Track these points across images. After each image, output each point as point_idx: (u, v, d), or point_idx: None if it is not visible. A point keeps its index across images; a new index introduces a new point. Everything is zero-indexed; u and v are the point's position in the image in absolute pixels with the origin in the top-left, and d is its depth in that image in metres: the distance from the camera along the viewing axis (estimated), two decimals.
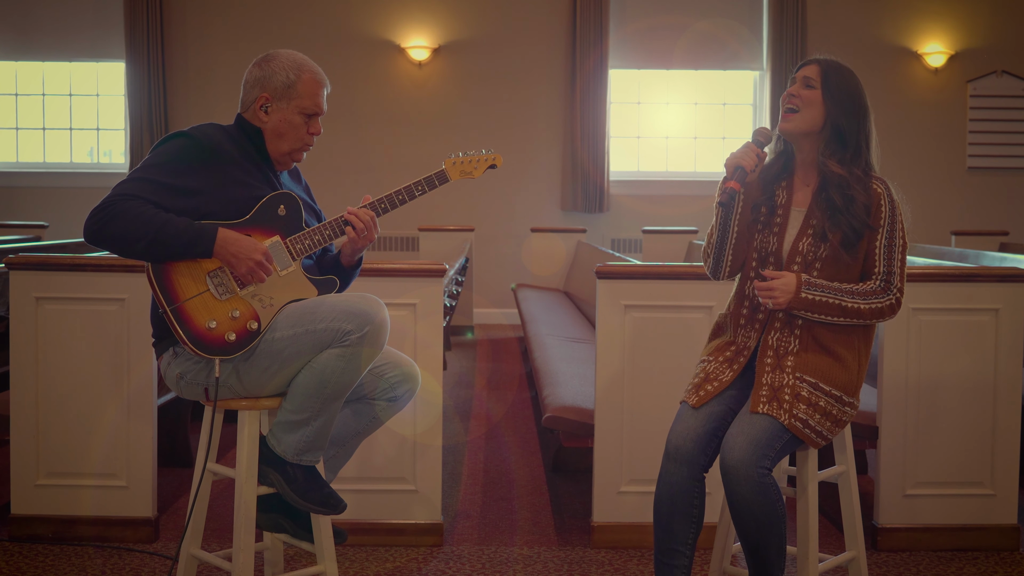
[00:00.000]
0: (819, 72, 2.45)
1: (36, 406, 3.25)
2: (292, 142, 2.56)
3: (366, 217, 2.55)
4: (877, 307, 2.40)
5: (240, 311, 2.42)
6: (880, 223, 2.41)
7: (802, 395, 2.37)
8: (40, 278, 3.24)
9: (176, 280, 2.39)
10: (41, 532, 3.27)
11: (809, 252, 2.43)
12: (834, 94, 2.43)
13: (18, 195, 9.54)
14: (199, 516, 2.59)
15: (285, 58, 2.55)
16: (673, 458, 2.40)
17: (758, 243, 2.50)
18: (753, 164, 2.40)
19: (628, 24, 9.53)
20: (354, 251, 2.63)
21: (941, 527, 3.32)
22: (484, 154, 2.68)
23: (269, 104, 2.54)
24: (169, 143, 2.46)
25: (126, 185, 2.38)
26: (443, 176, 2.63)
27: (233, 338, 2.40)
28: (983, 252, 5.60)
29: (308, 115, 2.55)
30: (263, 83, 2.54)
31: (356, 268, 2.69)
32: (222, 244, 2.39)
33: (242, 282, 2.43)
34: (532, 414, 5.40)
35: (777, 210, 2.50)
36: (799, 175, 2.52)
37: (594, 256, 6.63)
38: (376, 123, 9.42)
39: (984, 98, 9.55)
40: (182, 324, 2.38)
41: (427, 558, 3.21)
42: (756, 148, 2.42)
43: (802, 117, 2.44)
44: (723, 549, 2.64)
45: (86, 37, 9.54)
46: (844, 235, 2.40)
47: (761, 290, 2.40)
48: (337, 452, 2.64)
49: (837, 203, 2.40)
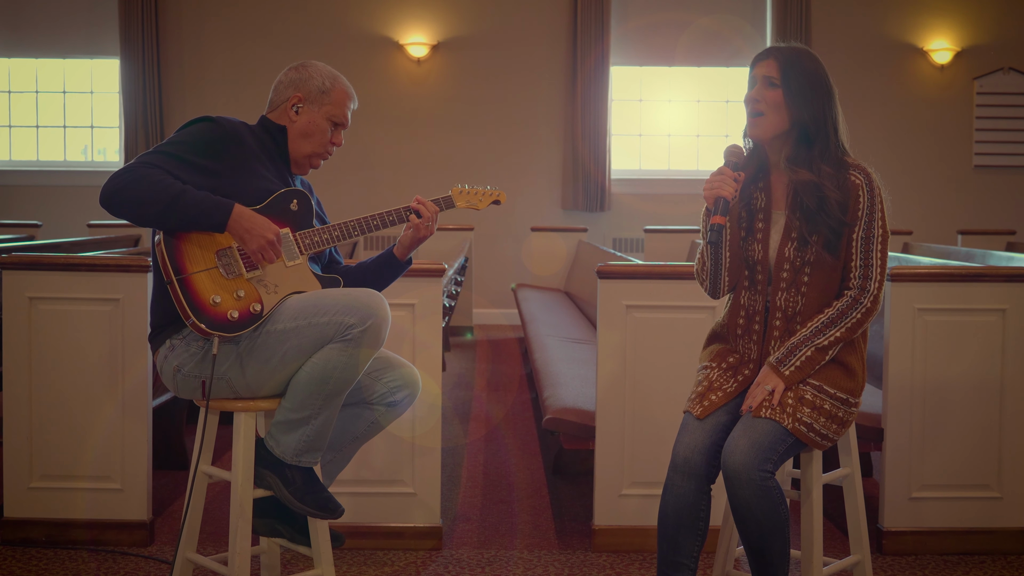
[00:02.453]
0: (778, 69, 2.37)
1: (29, 408, 3.23)
2: (315, 145, 2.64)
3: (432, 209, 2.66)
4: (855, 322, 2.37)
5: (245, 292, 2.45)
6: (857, 216, 2.36)
7: (806, 398, 2.35)
8: (34, 278, 3.22)
9: (186, 252, 2.42)
10: (34, 536, 3.25)
11: (796, 258, 2.39)
12: (795, 91, 2.36)
13: (11, 193, 9.49)
14: (194, 519, 2.58)
15: (322, 67, 2.68)
16: (680, 471, 2.38)
17: (745, 252, 2.46)
18: (733, 191, 2.35)
19: (630, 20, 9.49)
20: (413, 241, 2.68)
21: (948, 530, 3.30)
22: (489, 189, 2.80)
23: (301, 105, 2.63)
24: (194, 125, 2.53)
25: (148, 156, 2.44)
26: (450, 201, 2.75)
27: (236, 316, 2.41)
28: (990, 251, 5.57)
29: (334, 123, 2.66)
30: (298, 85, 2.64)
31: (405, 266, 2.76)
32: (237, 219, 2.42)
33: (250, 264, 2.46)
34: (532, 416, 5.38)
35: (757, 214, 2.45)
36: (776, 175, 2.46)
37: (595, 256, 6.60)
38: (374, 121, 9.37)
39: (991, 95, 9.50)
40: (187, 296, 2.39)
41: (426, 562, 3.19)
42: (731, 172, 2.37)
43: (768, 121, 2.38)
44: (726, 553, 2.62)
45: (80, 33, 9.49)
46: (825, 237, 2.36)
47: (759, 408, 2.34)
48: (335, 457, 2.63)
49: (811, 206, 2.35)
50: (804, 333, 2.36)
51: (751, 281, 2.45)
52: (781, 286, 2.40)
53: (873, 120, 9.35)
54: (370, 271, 2.73)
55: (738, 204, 2.46)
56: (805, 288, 2.39)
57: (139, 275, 3.20)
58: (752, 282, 2.45)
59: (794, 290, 2.39)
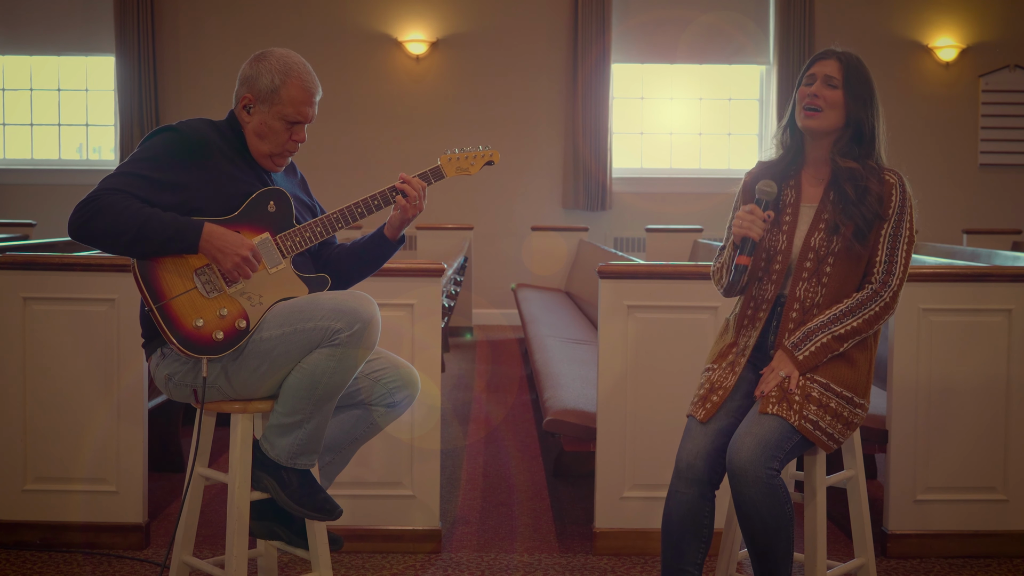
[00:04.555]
0: (840, 71, 2.44)
1: (23, 409, 3.21)
2: (272, 146, 2.51)
3: (419, 186, 2.53)
4: (872, 315, 2.39)
5: (228, 309, 2.39)
6: (889, 213, 2.41)
7: (812, 396, 2.34)
8: (28, 278, 3.20)
9: (162, 277, 2.36)
10: (28, 539, 3.22)
11: (821, 247, 2.41)
12: (856, 94, 2.43)
13: (5, 192, 9.45)
14: (190, 522, 2.57)
15: (276, 60, 2.49)
16: (684, 477, 2.38)
17: (767, 242, 2.47)
18: (761, 233, 2.40)
19: (631, 17, 9.46)
20: (402, 222, 2.57)
21: (952, 533, 3.28)
22: (481, 150, 2.64)
23: (252, 105, 2.50)
24: (156, 137, 2.44)
25: (112, 179, 2.37)
26: (438, 172, 2.59)
27: (221, 336, 2.37)
28: (995, 251, 5.53)
29: (290, 122, 2.49)
30: (249, 83, 2.50)
31: (398, 245, 2.64)
32: (207, 239, 2.36)
33: (229, 279, 2.40)
34: (532, 417, 5.36)
35: (786, 208, 2.49)
36: (808, 171, 2.51)
37: (596, 255, 6.58)
38: (372, 119, 9.34)
39: (997, 93, 9.46)
40: (168, 323, 2.35)
41: (425, 565, 3.17)
42: (762, 212, 2.41)
43: (826, 117, 2.44)
44: (729, 555, 2.61)
45: (75, 30, 9.43)
46: (856, 226, 2.39)
47: (772, 391, 2.34)
48: (333, 459, 2.62)
49: (850, 195, 2.40)
50: (821, 319, 2.38)
51: (766, 271, 2.47)
52: (803, 276, 2.42)
53: None
54: (363, 251, 2.62)
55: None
56: (827, 279, 2.40)
57: None
58: (767, 272, 2.46)
59: (815, 280, 2.41)
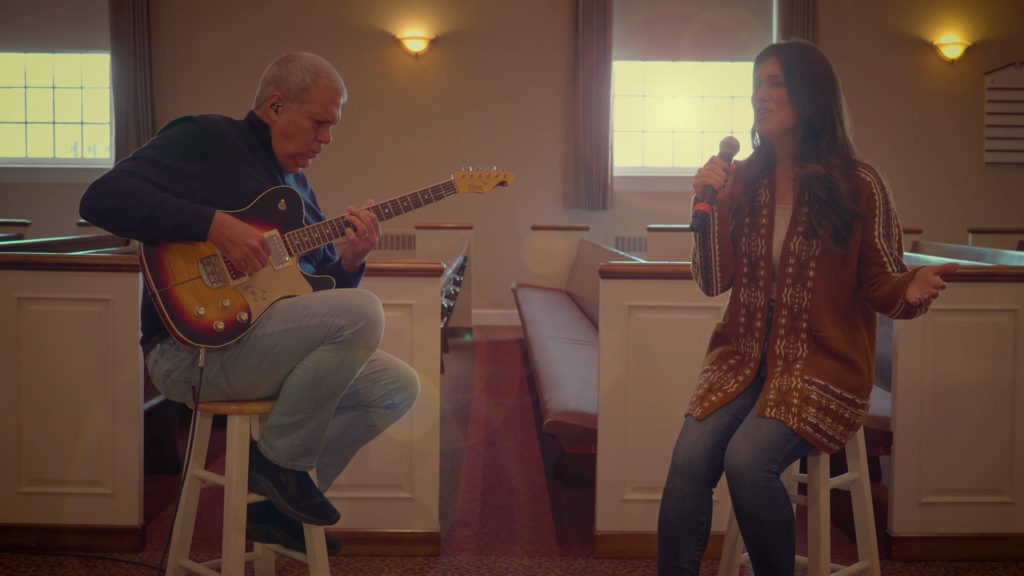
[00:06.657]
0: (781, 67, 2.40)
1: (18, 411, 3.19)
2: (298, 145, 2.56)
3: (367, 218, 2.53)
4: None
5: (231, 301, 2.40)
6: (874, 212, 2.37)
7: (811, 398, 2.32)
8: (22, 277, 3.19)
9: (168, 263, 2.38)
10: (23, 541, 3.21)
11: (802, 252, 2.39)
12: (799, 88, 2.38)
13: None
14: (186, 525, 2.57)
15: (305, 61, 2.58)
16: (680, 473, 2.37)
17: (746, 248, 2.46)
18: (721, 181, 2.37)
19: (633, 14, 9.42)
20: (355, 255, 2.59)
21: (958, 536, 3.26)
22: (495, 170, 2.69)
23: (280, 104, 2.55)
24: (176, 127, 2.48)
25: (128, 163, 2.39)
26: (451, 187, 2.64)
27: (221, 327, 2.37)
28: (1001, 250, 5.51)
29: (318, 121, 2.56)
30: (278, 82, 2.56)
31: (359, 274, 2.67)
32: (218, 227, 2.38)
33: (235, 271, 2.41)
34: (533, 419, 5.35)
35: (761, 210, 2.46)
36: (781, 170, 2.48)
37: (597, 255, 6.56)
38: (371, 117, 9.31)
39: (1002, 91, 9.41)
40: (170, 309, 2.35)
41: (424, 568, 3.15)
42: (723, 162, 2.39)
43: (777, 117, 2.41)
44: (730, 560, 2.60)
45: (70, 27, 9.37)
46: (835, 227, 2.36)
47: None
48: (332, 461, 2.61)
49: (821, 196, 2.37)
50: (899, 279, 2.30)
51: (751, 278, 2.45)
52: (787, 282, 2.40)
53: (881, 116, 9.28)
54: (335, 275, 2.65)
55: (739, 190, 2.47)
56: (811, 284, 2.38)
57: (130, 275, 3.17)
58: (753, 279, 2.44)
59: (800, 286, 2.39)
